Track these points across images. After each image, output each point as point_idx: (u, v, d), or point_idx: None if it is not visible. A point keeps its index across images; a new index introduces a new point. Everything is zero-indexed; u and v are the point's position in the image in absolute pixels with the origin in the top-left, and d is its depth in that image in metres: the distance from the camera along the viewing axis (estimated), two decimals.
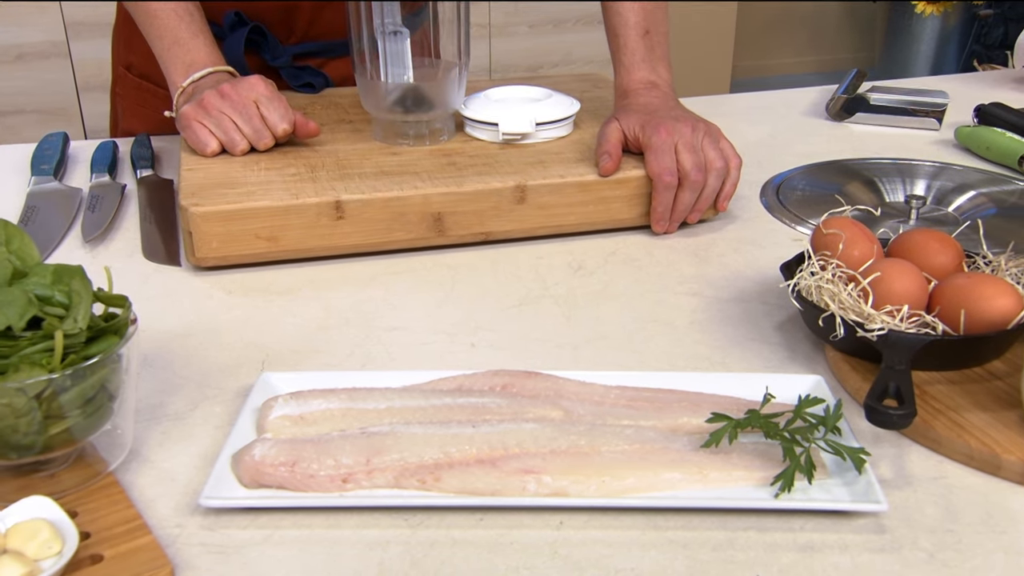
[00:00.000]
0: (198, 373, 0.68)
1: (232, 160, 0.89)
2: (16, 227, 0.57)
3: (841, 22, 4.49)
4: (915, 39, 3.92)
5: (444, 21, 0.94)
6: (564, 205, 0.89)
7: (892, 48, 4.01)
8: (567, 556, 0.52)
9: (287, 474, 0.55)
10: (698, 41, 3.48)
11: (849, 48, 4.54)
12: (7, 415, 0.51)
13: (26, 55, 2.46)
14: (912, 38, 3.93)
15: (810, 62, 4.53)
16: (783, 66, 4.49)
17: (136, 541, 0.51)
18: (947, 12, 3.82)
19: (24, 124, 2.53)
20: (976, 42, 3.85)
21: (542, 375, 0.65)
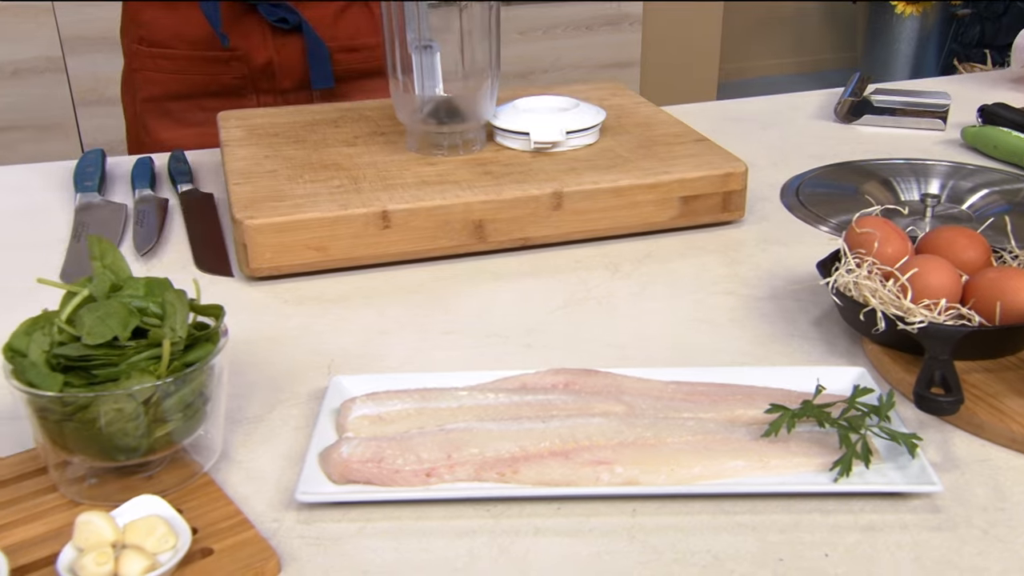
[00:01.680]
0: (268, 378, 0.71)
1: (277, 174, 0.92)
2: (109, 242, 0.60)
3: (822, 24, 4.57)
4: (895, 39, 4.00)
5: (475, 33, 0.97)
6: (598, 210, 0.93)
7: (873, 48, 4.09)
8: (644, 541, 0.56)
9: (375, 470, 0.59)
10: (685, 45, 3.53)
11: (830, 49, 4.61)
12: (117, 419, 0.54)
13: (22, 71, 2.47)
14: (892, 38, 4.01)
15: (791, 64, 4.60)
16: (765, 68, 4.56)
17: (241, 535, 0.54)
18: (926, 12, 3.90)
19: (21, 140, 2.54)
20: (954, 41, 3.93)
21: (601, 372, 0.69)
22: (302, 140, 1.01)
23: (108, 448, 0.55)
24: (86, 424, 0.54)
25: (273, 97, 1.24)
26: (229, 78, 1.21)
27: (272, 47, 1.21)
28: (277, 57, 1.21)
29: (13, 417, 0.65)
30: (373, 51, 1.28)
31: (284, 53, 1.21)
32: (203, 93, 1.22)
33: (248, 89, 1.23)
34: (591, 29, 3.29)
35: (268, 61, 1.21)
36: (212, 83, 1.21)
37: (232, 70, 1.21)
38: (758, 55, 4.53)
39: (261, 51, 1.21)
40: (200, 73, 1.21)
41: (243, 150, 0.98)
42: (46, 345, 0.55)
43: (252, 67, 1.21)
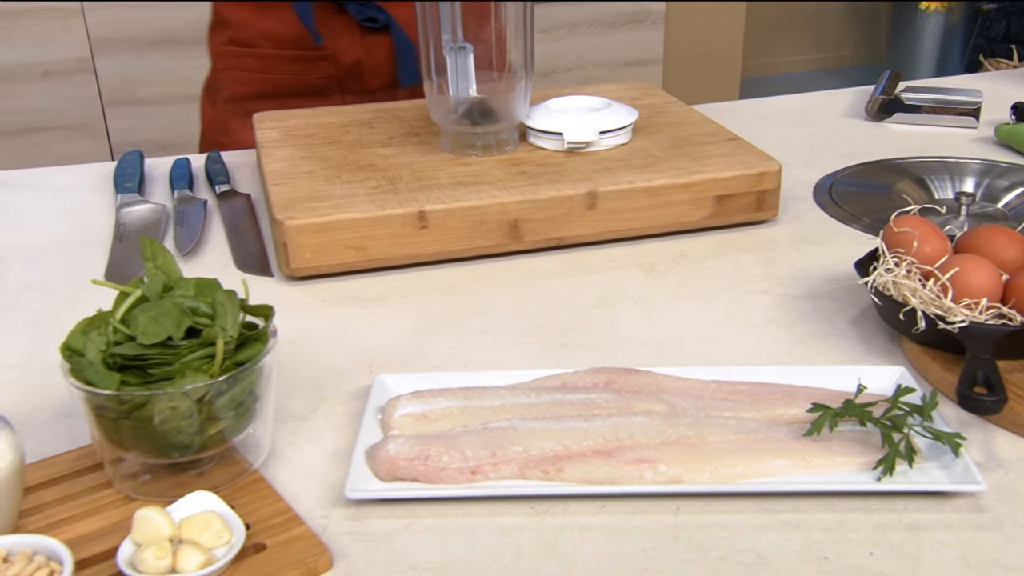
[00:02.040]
0: (312, 377, 0.72)
1: (315, 175, 0.93)
2: (159, 244, 0.61)
3: (844, 20, 4.54)
4: (919, 35, 3.98)
5: (510, 34, 0.98)
6: (632, 209, 0.93)
7: (897, 45, 4.07)
8: (688, 538, 0.56)
9: (421, 467, 0.60)
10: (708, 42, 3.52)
11: (852, 45, 4.59)
12: (172, 417, 0.55)
13: (52, 72, 2.50)
14: (916, 34, 3.98)
15: (814, 60, 4.58)
16: (787, 64, 4.55)
17: (292, 531, 0.55)
18: (951, 8, 3.87)
19: (51, 140, 2.57)
20: (980, 36, 3.90)
21: (641, 371, 0.69)
22: (337, 141, 1.03)
23: (162, 445, 0.56)
24: (142, 422, 0.55)
25: (358, 97, 1.24)
26: (315, 78, 1.21)
27: (360, 46, 1.21)
28: (365, 56, 1.21)
29: (67, 415, 0.66)
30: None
31: (372, 52, 1.21)
32: (288, 93, 1.22)
33: (334, 89, 1.23)
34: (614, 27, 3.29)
35: (356, 60, 1.21)
36: (298, 83, 1.21)
37: (319, 70, 1.21)
38: (780, 52, 4.51)
39: (349, 51, 1.21)
40: (287, 72, 1.21)
41: (280, 151, 0.99)
42: (102, 344, 0.56)
43: (339, 67, 1.21)
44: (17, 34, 2.42)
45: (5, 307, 0.81)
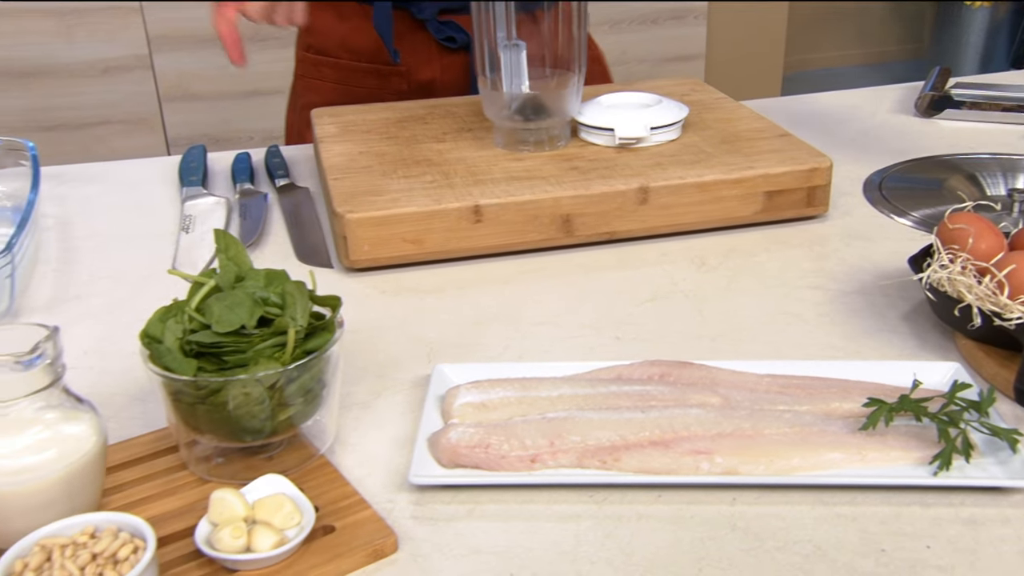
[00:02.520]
0: (373, 365, 0.73)
1: (372, 170, 0.94)
2: (231, 236, 0.63)
3: (887, 15, 4.47)
4: (964, 31, 3.90)
5: (562, 31, 0.98)
6: (684, 204, 0.93)
7: (941, 40, 3.99)
8: (746, 529, 0.56)
9: (482, 455, 0.60)
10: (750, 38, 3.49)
11: (895, 41, 4.51)
12: (245, 403, 0.56)
13: (112, 68, 2.54)
14: (961, 30, 3.91)
15: (856, 55, 4.52)
16: (829, 60, 4.49)
17: (359, 514, 0.56)
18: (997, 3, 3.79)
19: (110, 134, 2.62)
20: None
21: (695, 364, 0.69)
22: (393, 136, 1.03)
23: (236, 429, 0.58)
24: (217, 407, 0.56)
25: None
26: (388, 94, 1.17)
27: (438, 65, 1.17)
28: (441, 76, 1.17)
29: (141, 399, 0.68)
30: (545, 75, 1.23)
31: (449, 72, 1.17)
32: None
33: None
34: (656, 23, 3.27)
35: (431, 79, 1.17)
36: (370, 96, 1.16)
37: (392, 85, 1.17)
38: (822, 47, 4.45)
39: (426, 68, 1.17)
40: (360, 85, 1.17)
41: (338, 146, 1.00)
42: (179, 332, 0.57)
43: (412, 83, 1.18)
44: (80, 33, 2.47)
45: (80, 296, 0.83)
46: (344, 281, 0.86)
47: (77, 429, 0.54)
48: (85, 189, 1.04)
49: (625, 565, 0.54)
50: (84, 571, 0.48)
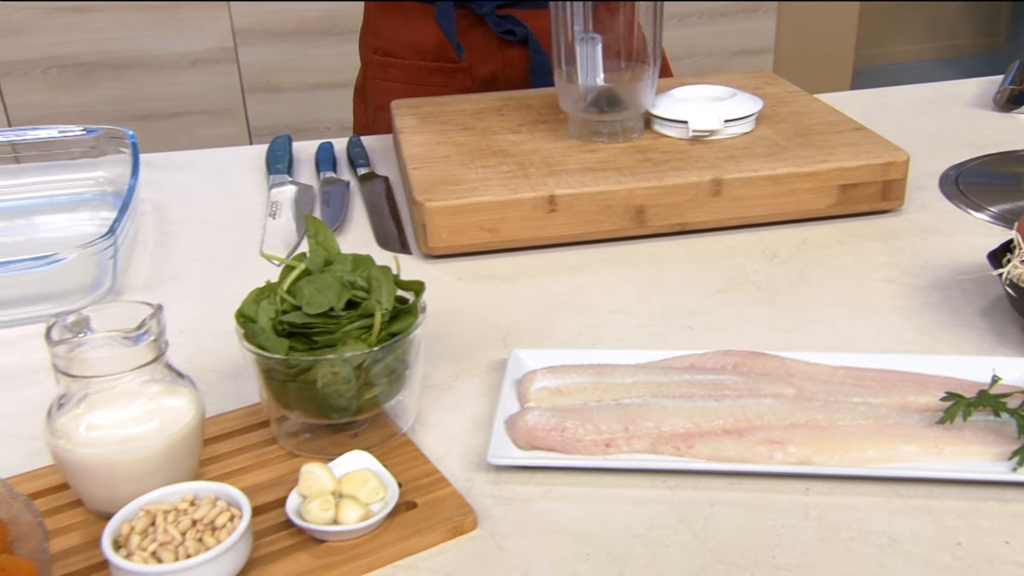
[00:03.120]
0: (451, 349, 0.74)
1: (450, 160, 0.95)
2: (321, 221, 0.64)
3: (961, 9, 4.33)
4: None
5: (638, 25, 0.97)
6: (756, 197, 0.92)
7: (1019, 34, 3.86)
8: (819, 518, 0.56)
9: (558, 438, 0.61)
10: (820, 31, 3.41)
11: (969, 34, 4.37)
12: (333, 382, 0.57)
13: (199, 61, 2.60)
14: None
15: (929, 49, 4.39)
16: (900, 54, 4.36)
17: (440, 491, 0.57)
18: None
19: (195, 124, 2.68)
20: None
21: (769, 355, 0.69)
22: (470, 128, 1.04)
23: (324, 407, 0.59)
24: (306, 385, 0.58)
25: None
26: (453, 89, 1.18)
27: (500, 60, 1.17)
28: (503, 70, 1.18)
29: (233, 376, 0.70)
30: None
31: (510, 67, 1.17)
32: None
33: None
34: (725, 16, 3.22)
35: (494, 73, 1.18)
36: (437, 94, 1.15)
37: (457, 82, 1.18)
38: (893, 41, 4.33)
39: (488, 63, 1.17)
40: (427, 84, 1.18)
41: (417, 136, 1.01)
42: (272, 313, 0.59)
43: (476, 78, 1.18)
44: (170, 27, 2.54)
45: (175, 277, 0.86)
46: (422, 267, 0.87)
47: (178, 402, 0.56)
48: (178, 176, 1.07)
49: (699, 550, 0.54)
50: (185, 536, 0.50)
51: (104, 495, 0.54)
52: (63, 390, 0.54)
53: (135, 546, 0.49)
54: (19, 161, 1.00)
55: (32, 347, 0.75)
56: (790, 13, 3.32)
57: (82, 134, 0.99)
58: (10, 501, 0.52)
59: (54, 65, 2.51)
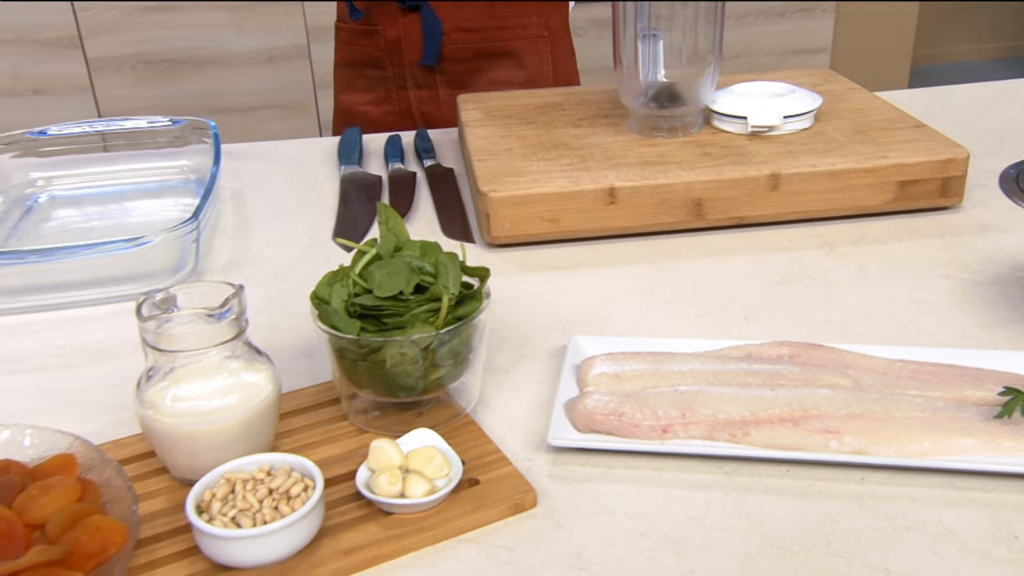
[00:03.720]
0: (513, 334, 0.74)
1: (514, 152, 0.95)
2: (392, 209, 0.65)
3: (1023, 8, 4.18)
4: None
5: (701, 22, 0.96)
6: (814, 192, 0.90)
7: None
8: (874, 508, 0.55)
9: (616, 422, 0.60)
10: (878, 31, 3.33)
11: None
12: (401, 362, 0.58)
13: (274, 57, 2.64)
14: None
15: (990, 49, 4.25)
16: (960, 53, 4.23)
17: (501, 470, 0.57)
18: None
19: (268, 118, 2.72)
20: None
21: (826, 347, 0.67)
22: (532, 121, 1.04)
23: (392, 386, 0.60)
24: (376, 364, 0.58)
25: (402, 70, 1.29)
26: (374, 50, 1.29)
27: (401, 24, 1.26)
28: (404, 34, 1.27)
29: (306, 355, 0.71)
30: (487, 32, 1.29)
31: (409, 31, 1.26)
32: (360, 63, 1.32)
33: (385, 61, 1.29)
34: (783, 16, 3.16)
35: (397, 37, 1.27)
36: (364, 55, 1.30)
37: (375, 43, 1.29)
38: (953, 40, 4.20)
39: (391, 28, 1.27)
40: (357, 44, 1.31)
41: (482, 130, 1.02)
42: (344, 295, 0.59)
43: (386, 41, 1.28)
44: (248, 25, 2.58)
45: (252, 260, 0.87)
46: (485, 256, 0.88)
47: (256, 378, 0.57)
48: (255, 165, 1.09)
49: (754, 534, 0.53)
50: (262, 504, 0.51)
51: (187, 463, 0.56)
52: (151, 363, 0.56)
53: (216, 511, 0.51)
54: (107, 150, 1.02)
55: (121, 324, 0.77)
56: (849, 13, 3.24)
57: (168, 125, 1.02)
58: (102, 466, 0.54)
59: (141, 61, 2.57)
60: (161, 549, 0.52)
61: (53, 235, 0.92)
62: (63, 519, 0.50)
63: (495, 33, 1.27)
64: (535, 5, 1.29)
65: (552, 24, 1.32)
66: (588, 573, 0.51)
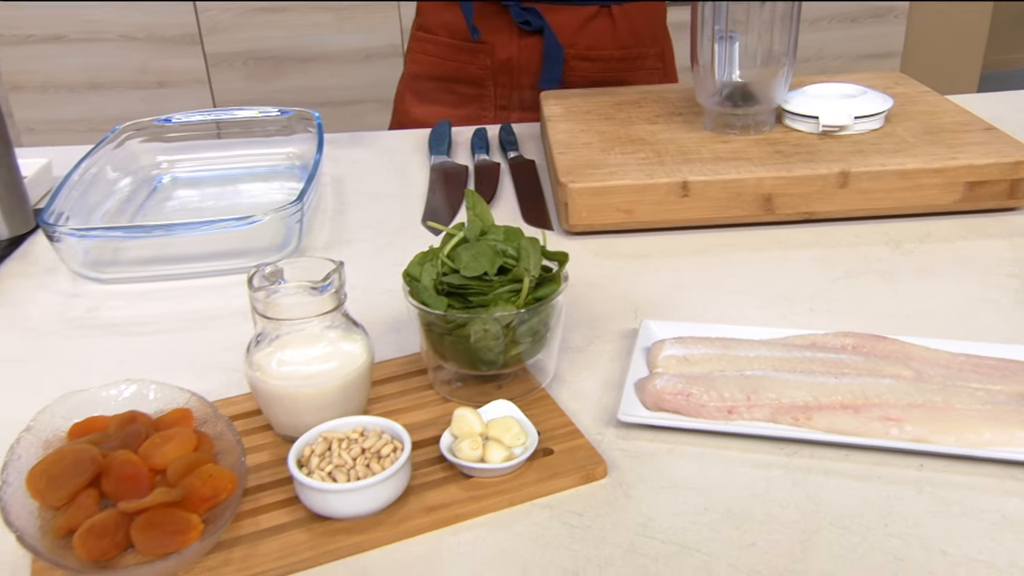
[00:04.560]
0: (587, 316, 0.74)
1: (592, 146, 0.95)
2: (479, 195, 0.65)
3: None
4: None
5: (776, 25, 0.94)
6: (883, 190, 0.87)
7: None
8: (932, 493, 0.53)
9: (683, 402, 0.60)
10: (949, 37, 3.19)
11: None
12: (484, 337, 0.59)
13: (372, 56, 2.68)
14: None
15: None
16: None
17: (574, 441, 0.57)
18: None
19: (367, 111, 2.77)
20: None
21: (889, 339, 0.66)
22: (611, 118, 1.03)
23: (474, 360, 0.60)
24: (461, 339, 0.59)
25: (508, 91, 1.22)
26: (475, 68, 1.22)
27: (516, 46, 1.19)
28: (518, 55, 1.20)
29: (396, 328, 0.72)
30: (608, 63, 1.23)
31: (525, 53, 1.19)
32: (453, 78, 1.24)
33: (488, 80, 1.22)
34: (856, 21, 3.06)
35: (509, 57, 1.20)
36: (461, 71, 1.22)
37: (478, 61, 1.21)
38: None
39: (505, 47, 1.20)
40: (454, 60, 1.23)
41: (563, 124, 1.01)
42: (434, 274, 0.60)
43: (495, 60, 1.21)
44: (348, 25, 2.62)
45: (350, 240, 0.89)
46: (563, 243, 0.88)
47: (352, 347, 0.58)
48: (353, 154, 1.11)
49: (813, 513, 0.52)
50: (355, 461, 0.52)
51: (289, 421, 0.57)
52: (260, 330, 0.58)
53: (314, 466, 0.52)
54: (221, 137, 1.06)
55: (232, 294, 0.79)
56: (921, 18, 3.12)
57: (277, 115, 1.04)
58: (215, 421, 0.56)
59: (252, 57, 2.64)
60: (265, 497, 0.54)
61: (174, 213, 0.95)
62: (181, 466, 0.52)
63: (615, 64, 1.22)
64: (654, 36, 1.24)
65: (666, 56, 1.27)
66: (654, 541, 0.51)
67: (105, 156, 0.95)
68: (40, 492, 0.51)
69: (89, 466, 0.51)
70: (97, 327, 0.75)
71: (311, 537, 0.51)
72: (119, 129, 1.00)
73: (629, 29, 1.22)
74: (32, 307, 0.79)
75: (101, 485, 0.51)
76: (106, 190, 0.94)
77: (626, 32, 1.21)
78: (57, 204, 0.82)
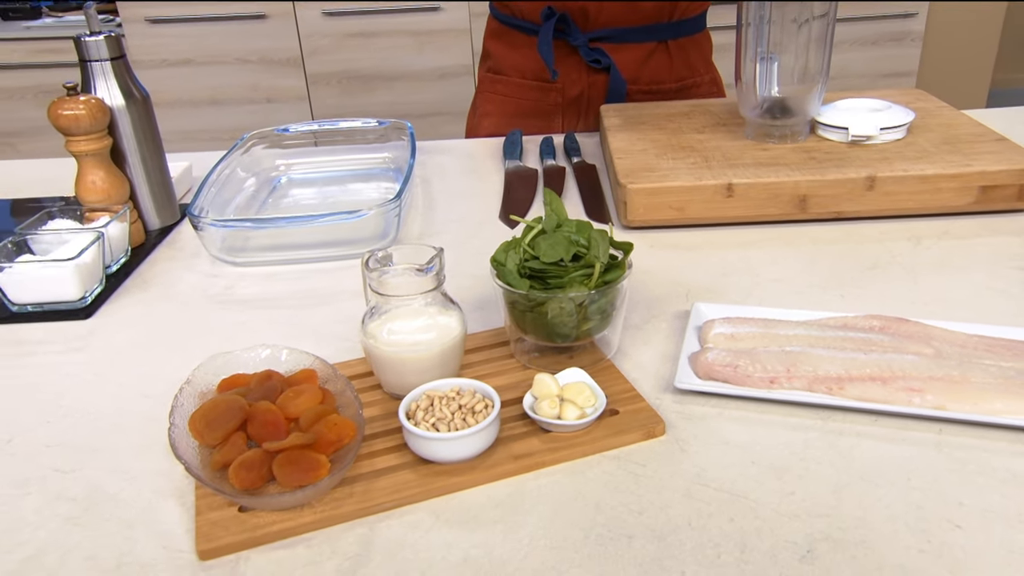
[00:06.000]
0: (644, 298, 0.75)
1: (647, 152, 0.96)
2: (555, 193, 0.67)
3: None
4: None
5: (812, 46, 0.93)
6: (905, 193, 0.86)
7: None
8: (950, 454, 0.54)
9: (731, 373, 0.61)
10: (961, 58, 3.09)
11: None
12: (560, 315, 0.61)
13: (446, 74, 2.71)
14: None
15: None
16: None
17: (637, 404, 0.59)
18: None
19: (442, 122, 2.80)
20: None
21: (911, 321, 0.65)
22: (663, 128, 1.04)
23: (551, 333, 0.62)
24: (540, 315, 0.61)
25: (575, 121, 1.21)
26: (546, 104, 1.21)
27: (586, 82, 1.18)
28: (587, 90, 1.19)
29: (481, 307, 0.75)
30: (667, 96, 1.21)
31: (594, 88, 1.19)
32: (524, 114, 1.23)
33: (556, 114, 1.22)
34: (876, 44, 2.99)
35: (580, 93, 1.20)
36: (533, 108, 1.22)
37: (550, 98, 1.20)
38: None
39: (576, 84, 1.19)
40: (526, 98, 1.22)
41: (621, 133, 1.02)
42: (517, 260, 0.62)
43: (566, 96, 1.20)
44: (427, 48, 2.66)
45: (438, 232, 0.92)
46: (622, 236, 0.89)
47: (448, 320, 0.61)
48: (439, 158, 1.14)
49: (845, 469, 0.53)
50: (454, 415, 0.54)
51: (396, 381, 0.60)
52: (373, 304, 0.60)
53: (420, 419, 0.55)
54: (317, 144, 1.09)
55: (342, 276, 0.83)
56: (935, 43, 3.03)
57: (375, 125, 1.07)
58: (336, 379, 0.59)
59: (345, 76, 2.70)
60: (377, 444, 0.57)
61: (290, 208, 0.99)
62: (311, 415, 0.55)
63: (674, 95, 1.21)
64: (706, 64, 1.22)
65: (718, 80, 1.26)
66: (708, 488, 0.52)
67: (236, 160, 1.00)
68: (200, 433, 0.54)
69: (238, 413, 0.55)
70: (233, 302, 0.79)
71: (417, 477, 0.53)
72: (246, 137, 1.04)
73: (684, 61, 1.21)
74: (182, 285, 0.83)
75: (247, 429, 0.55)
76: (236, 188, 0.98)
77: (681, 64, 1.20)
78: (200, 200, 0.86)
